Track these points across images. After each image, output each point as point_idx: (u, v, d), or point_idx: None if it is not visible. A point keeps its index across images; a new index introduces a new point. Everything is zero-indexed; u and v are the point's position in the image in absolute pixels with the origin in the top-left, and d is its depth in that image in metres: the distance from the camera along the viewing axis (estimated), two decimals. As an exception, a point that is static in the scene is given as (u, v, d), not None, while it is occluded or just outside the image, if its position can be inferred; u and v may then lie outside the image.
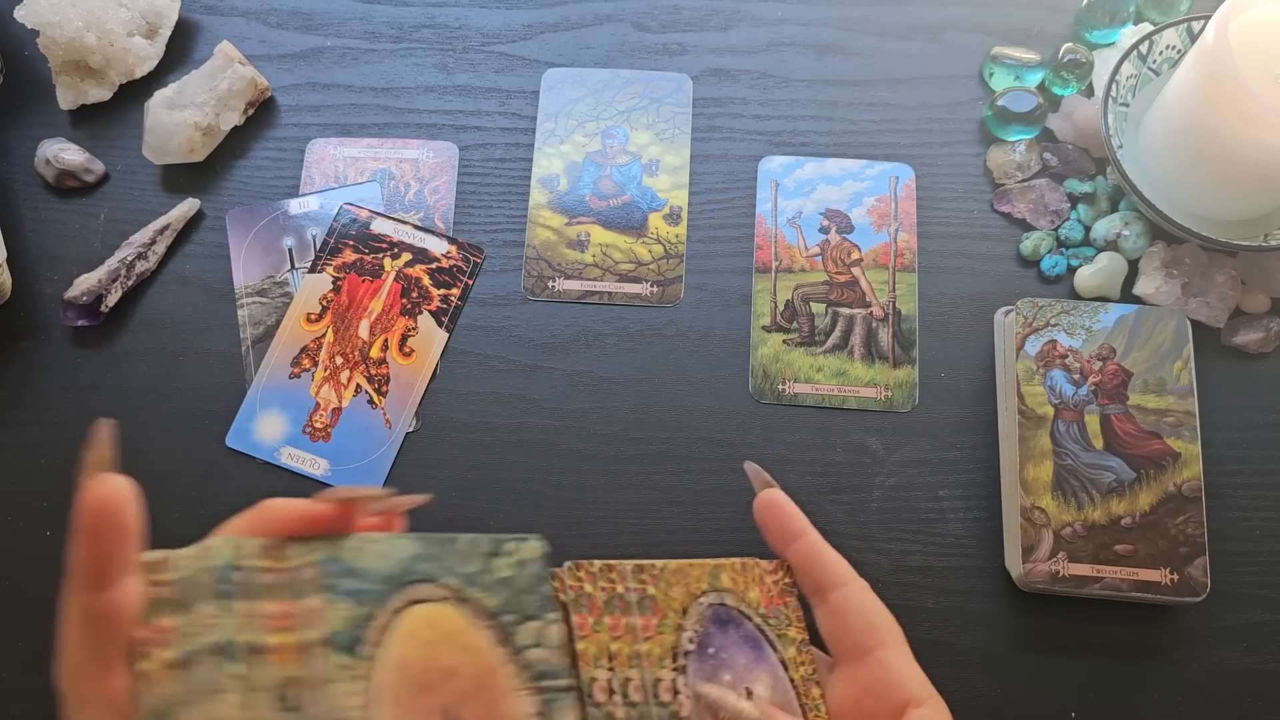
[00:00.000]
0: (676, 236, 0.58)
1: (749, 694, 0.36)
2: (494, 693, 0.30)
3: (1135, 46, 0.56)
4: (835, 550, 0.39)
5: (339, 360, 0.55)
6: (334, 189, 0.59)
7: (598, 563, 0.35)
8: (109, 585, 0.26)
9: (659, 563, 0.36)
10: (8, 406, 0.55)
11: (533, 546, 0.33)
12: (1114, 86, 0.55)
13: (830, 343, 0.56)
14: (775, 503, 0.39)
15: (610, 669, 0.33)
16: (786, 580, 0.39)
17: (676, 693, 0.34)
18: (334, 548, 0.30)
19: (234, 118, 0.59)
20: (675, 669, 0.34)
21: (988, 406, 0.54)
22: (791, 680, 0.37)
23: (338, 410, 0.54)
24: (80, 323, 0.55)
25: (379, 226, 0.58)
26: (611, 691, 0.33)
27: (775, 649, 0.37)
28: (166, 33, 0.61)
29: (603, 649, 0.34)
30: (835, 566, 0.38)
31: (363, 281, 0.57)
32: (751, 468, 0.41)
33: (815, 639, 0.38)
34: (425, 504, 0.32)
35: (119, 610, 0.26)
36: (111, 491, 0.26)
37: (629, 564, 0.36)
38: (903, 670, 0.36)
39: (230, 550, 0.29)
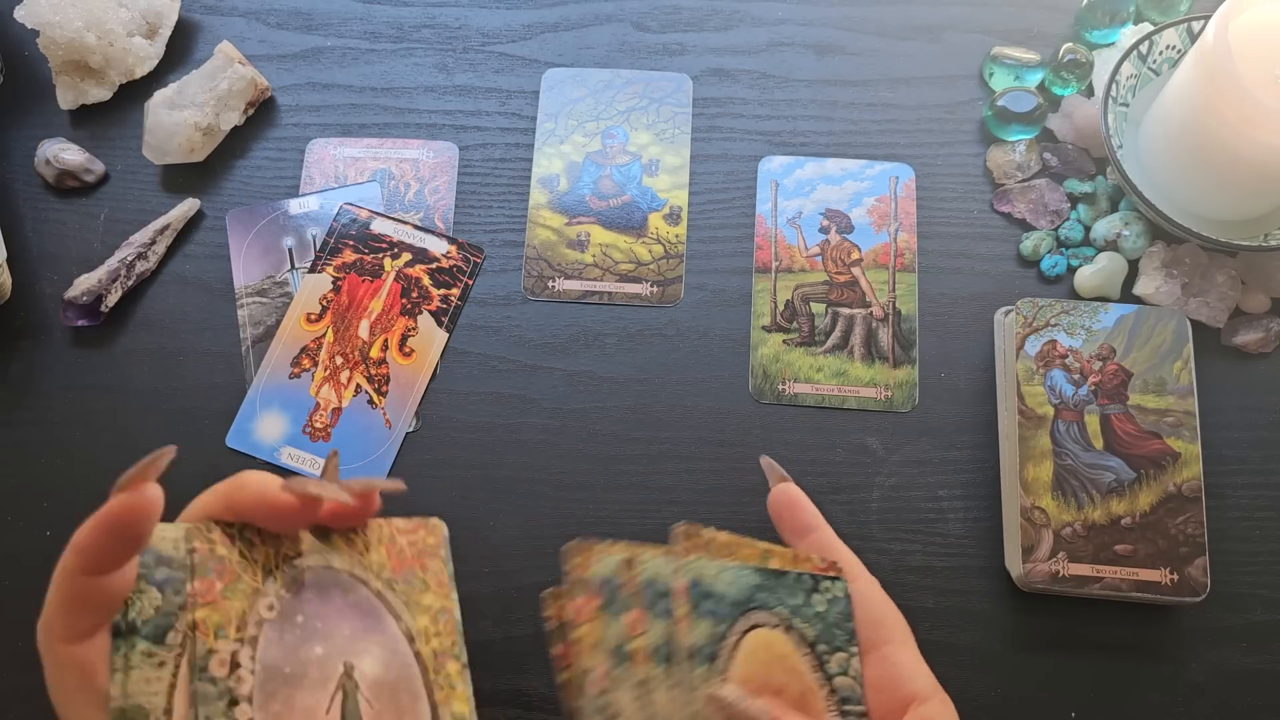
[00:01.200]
0: (676, 236, 0.58)
1: (348, 668, 0.31)
2: (811, 712, 0.35)
3: (1135, 46, 0.56)
4: (847, 547, 0.39)
5: (339, 360, 0.55)
6: (334, 189, 0.59)
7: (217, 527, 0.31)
8: (105, 575, 0.27)
9: (238, 524, 0.31)
10: (8, 406, 0.55)
11: (842, 585, 0.38)
12: (1114, 86, 0.55)
13: (830, 343, 0.56)
14: (790, 497, 0.40)
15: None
16: (430, 540, 0.35)
17: (237, 666, 0.28)
18: (697, 571, 0.35)
19: (234, 118, 0.59)
20: (239, 639, 0.29)
21: (988, 406, 0.54)
22: (418, 654, 0.33)
23: (338, 410, 0.54)
24: (80, 323, 0.55)
25: (379, 226, 0.58)
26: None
27: (399, 618, 0.33)
28: (166, 33, 0.61)
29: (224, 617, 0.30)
30: (846, 562, 0.38)
31: (363, 281, 0.57)
32: (767, 462, 0.41)
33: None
34: (399, 490, 0.32)
35: (109, 589, 0.27)
36: (144, 505, 0.27)
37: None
38: (909, 666, 0.36)
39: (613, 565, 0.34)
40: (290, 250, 0.58)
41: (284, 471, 0.53)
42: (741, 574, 0.36)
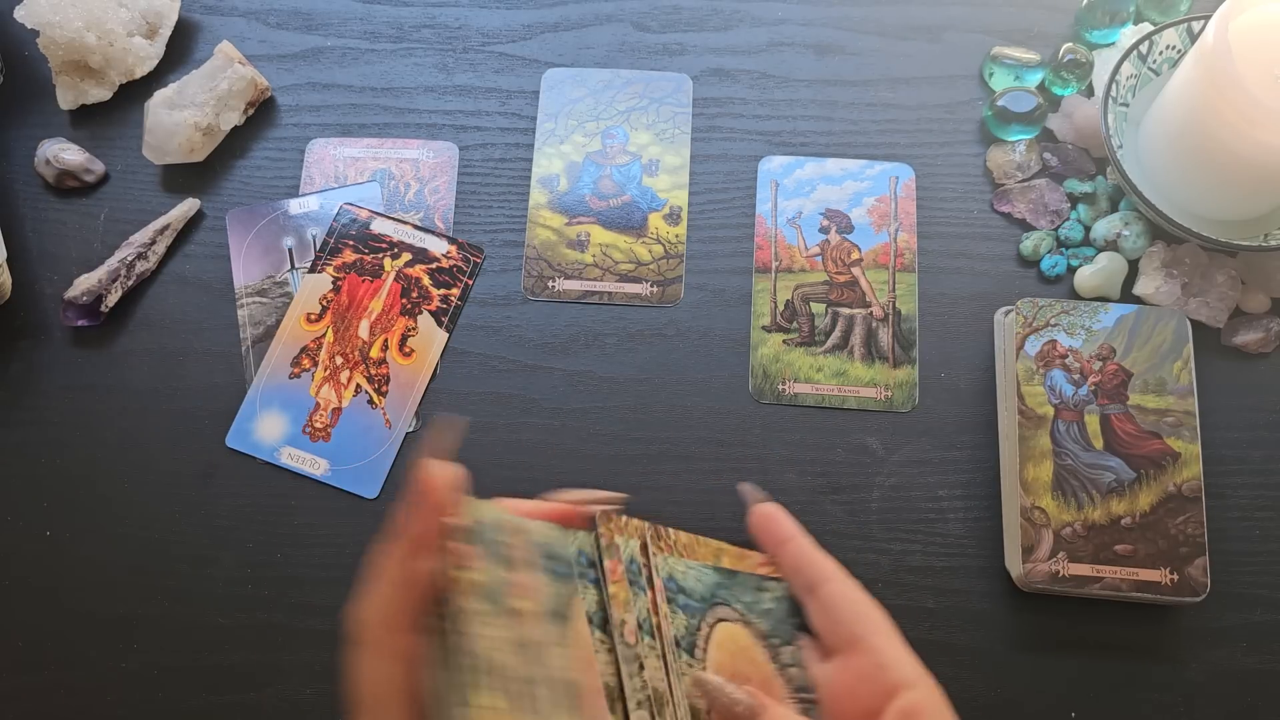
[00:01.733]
0: (676, 236, 0.58)
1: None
2: (774, 698, 0.36)
3: (1135, 46, 0.56)
4: (824, 550, 0.40)
5: (339, 360, 0.55)
6: (334, 189, 0.59)
7: (636, 522, 0.37)
8: (429, 555, 0.29)
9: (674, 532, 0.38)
10: (8, 406, 0.55)
11: (783, 586, 0.40)
12: (1114, 86, 0.55)
13: (830, 343, 0.56)
14: (767, 513, 0.41)
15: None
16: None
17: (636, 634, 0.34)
18: (669, 569, 0.37)
19: (234, 118, 0.59)
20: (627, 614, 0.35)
21: (988, 406, 0.54)
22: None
23: (338, 410, 0.54)
24: (80, 323, 0.55)
25: (379, 226, 0.58)
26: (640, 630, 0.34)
27: None
28: (166, 33, 0.61)
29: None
30: (822, 564, 0.39)
31: (363, 281, 0.57)
32: (744, 489, 0.42)
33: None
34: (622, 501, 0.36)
35: (427, 578, 0.29)
36: (453, 477, 0.30)
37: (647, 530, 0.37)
38: (893, 654, 0.37)
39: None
40: (290, 250, 0.58)
41: (284, 472, 0.53)
42: (704, 572, 0.38)
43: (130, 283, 0.56)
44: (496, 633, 0.29)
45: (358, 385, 0.55)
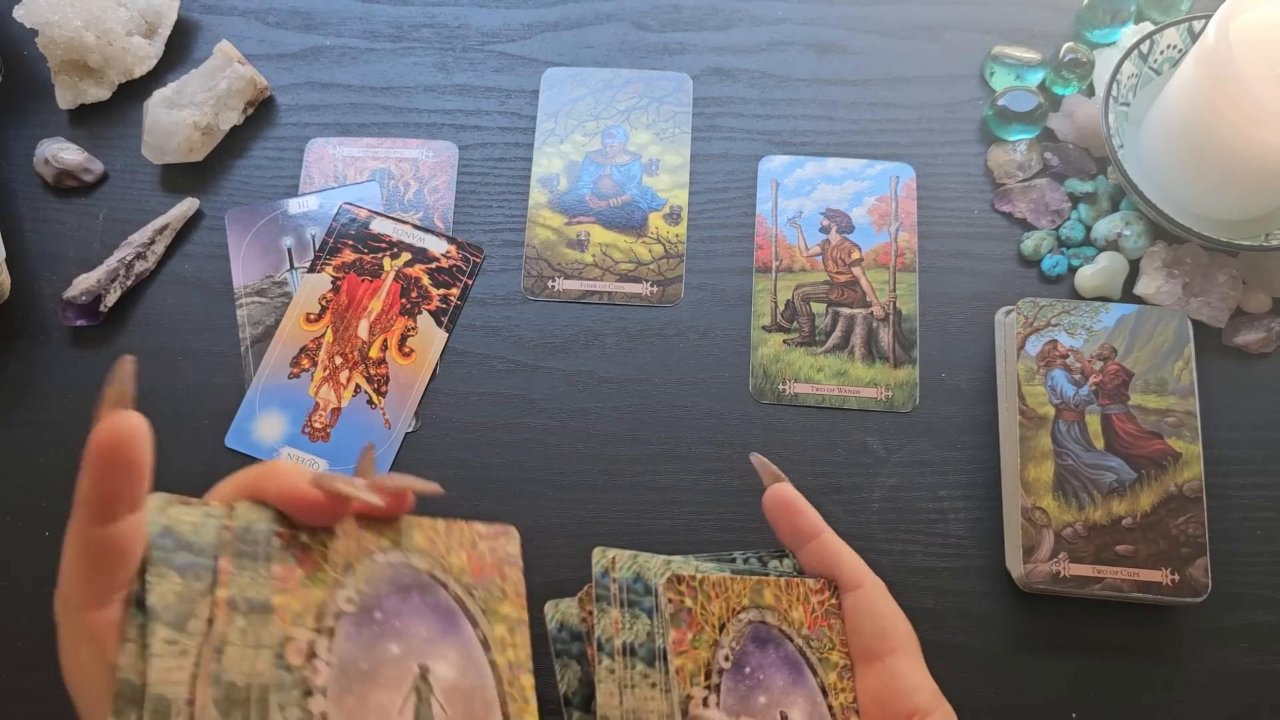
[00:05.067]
0: (676, 236, 0.58)
1: (783, 718, 0.34)
2: None
3: (1136, 46, 0.56)
4: (852, 550, 0.38)
5: (338, 360, 0.55)
6: (333, 188, 0.59)
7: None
8: (112, 520, 0.26)
9: (699, 575, 0.35)
10: (7, 406, 0.55)
11: (791, 563, 0.38)
12: (1115, 86, 0.55)
13: (831, 343, 0.56)
14: (786, 501, 0.38)
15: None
16: (833, 601, 0.38)
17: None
18: (638, 566, 0.34)
19: (233, 117, 0.59)
20: (707, 686, 0.33)
21: (988, 406, 0.54)
22: (830, 707, 0.35)
23: (337, 410, 0.54)
24: (79, 323, 0.55)
25: (378, 226, 0.58)
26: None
27: (816, 673, 0.36)
28: (165, 32, 0.61)
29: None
30: (851, 568, 0.37)
31: (362, 281, 0.57)
32: (758, 460, 0.40)
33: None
34: (437, 494, 0.32)
35: (120, 545, 0.26)
36: (125, 427, 0.26)
37: (663, 573, 0.34)
38: (913, 679, 0.35)
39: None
40: (289, 250, 0.58)
41: (283, 472, 0.53)
42: (698, 567, 0.36)
43: (129, 282, 0.56)
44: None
45: (357, 385, 0.55)
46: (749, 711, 0.32)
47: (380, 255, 0.57)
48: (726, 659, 0.33)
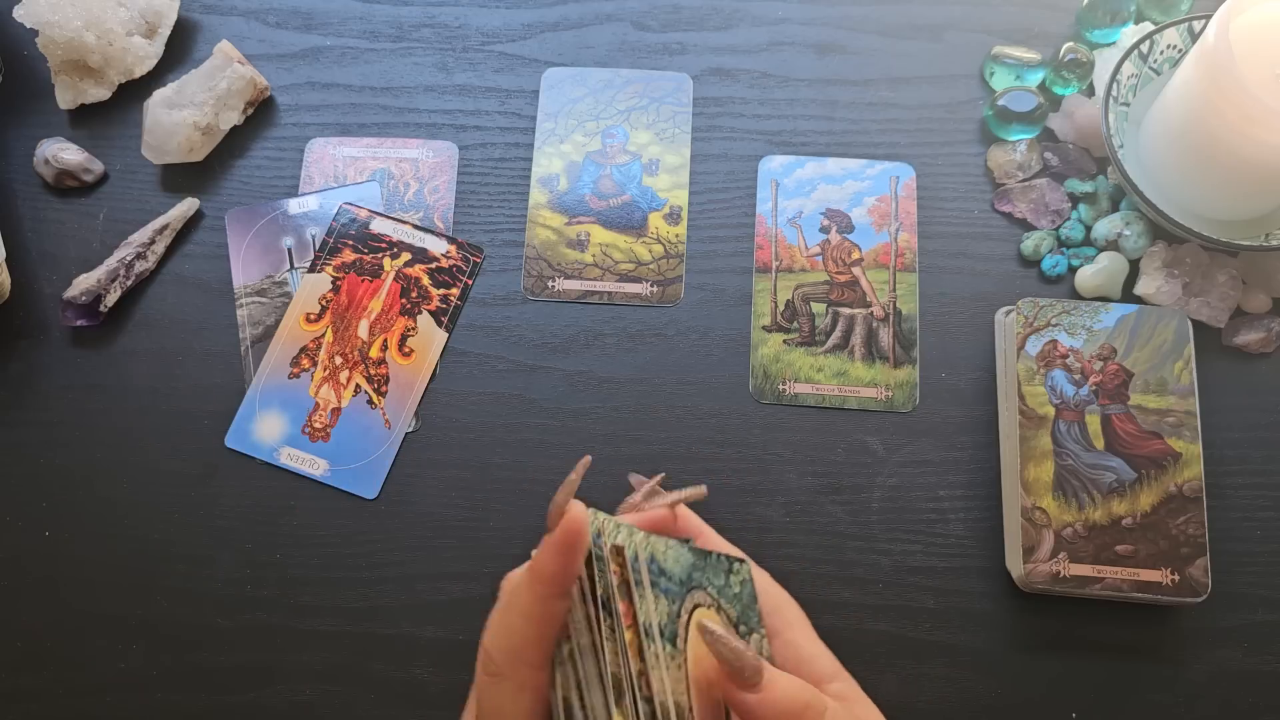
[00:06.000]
0: (676, 236, 0.58)
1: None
2: None
3: (1136, 46, 0.56)
4: (727, 541, 0.40)
5: (338, 360, 0.55)
6: (333, 189, 0.59)
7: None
8: (566, 593, 0.30)
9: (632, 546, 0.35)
10: (7, 406, 0.55)
11: (747, 569, 0.38)
12: (1115, 86, 0.55)
13: (831, 343, 0.56)
14: (633, 506, 0.39)
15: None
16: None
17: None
18: (652, 547, 0.34)
19: (233, 117, 0.59)
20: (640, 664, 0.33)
21: (988, 406, 0.54)
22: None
23: (337, 410, 0.54)
24: (79, 323, 0.55)
25: (378, 226, 0.58)
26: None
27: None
28: (166, 32, 0.61)
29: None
30: (729, 549, 0.39)
31: (362, 281, 0.57)
32: (634, 478, 0.41)
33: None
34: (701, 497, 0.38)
35: (562, 615, 0.31)
36: (584, 517, 0.30)
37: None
38: (809, 648, 0.37)
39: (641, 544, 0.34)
40: (289, 250, 0.58)
41: (283, 472, 0.53)
42: (681, 552, 0.36)
43: (129, 282, 0.56)
44: (627, 660, 0.30)
45: (357, 385, 0.55)
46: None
47: (380, 255, 0.57)
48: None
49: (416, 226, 0.58)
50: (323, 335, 0.55)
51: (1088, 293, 0.56)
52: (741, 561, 0.38)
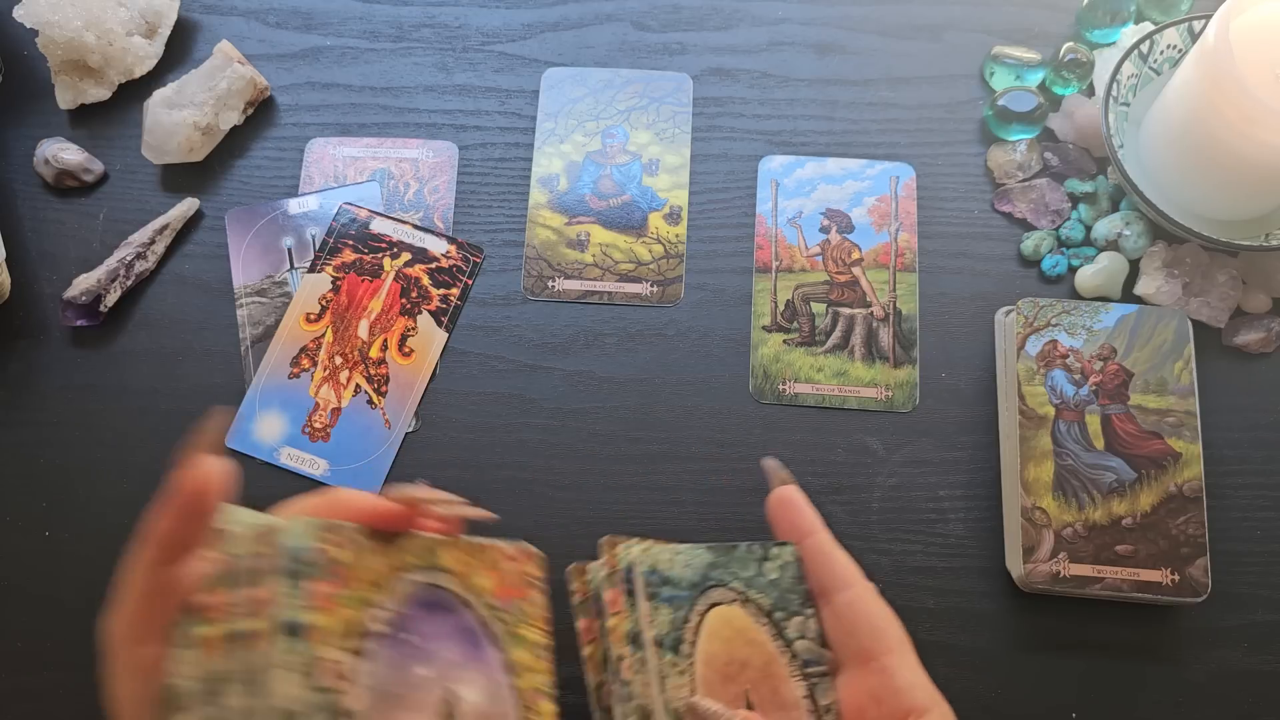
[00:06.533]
0: (676, 236, 0.58)
1: (451, 695, 0.30)
2: (776, 679, 0.35)
3: (1136, 46, 0.56)
4: (845, 552, 0.38)
5: (338, 360, 0.55)
6: (333, 189, 0.59)
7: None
8: (179, 561, 0.27)
9: (364, 528, 0.30)
10: (7, 406, 0.55)
11: (791, 550, 0.37)
12: (1115, 86, 0.55)
13: (831, 343, 0.56)
14: (788, 499, 0.39)
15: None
16: (533, 573, 0.34)
17: (344, 677, 0.27)
18: (653, 559, 0.35)
19: (233, 117, 0.59)
20: (351, 650, 0.28)
21: (988, 406, 0.54)
22: (515, 688, 0.32)
23: (337, 410, 0.54)
24: (79, 323, 0.55)
25: (378, 226, 0.58)
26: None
27: (500, 649, 0.32)
28: (166, 32, 0.61)
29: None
30: (843, 568, 0.37)
31: (362, 281, 0.57)
32: (769, 464, 0.41)
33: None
34: (491, 520, 0.32)
35: (177, 585, 0.27)
36: (210, 474, 0.27)
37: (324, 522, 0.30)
38: (908, 677, 0.35)
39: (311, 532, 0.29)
40: (289, 250, 0.58)
41: (283, 472, 0.53)
42: (695, 555, 0.36)
43: (129, 282, 0.56)
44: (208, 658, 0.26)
45: (357, 385, 0.55)
46: (405, 684, 0.28)
47: (380, 255, 0.57)
48: (380, 621, 0.29)
49: (416, 226, 0.58)
50: (323, 335, 0.55)
51: (1088, 293, 0.56)
52: (782, 545, 0.37)
